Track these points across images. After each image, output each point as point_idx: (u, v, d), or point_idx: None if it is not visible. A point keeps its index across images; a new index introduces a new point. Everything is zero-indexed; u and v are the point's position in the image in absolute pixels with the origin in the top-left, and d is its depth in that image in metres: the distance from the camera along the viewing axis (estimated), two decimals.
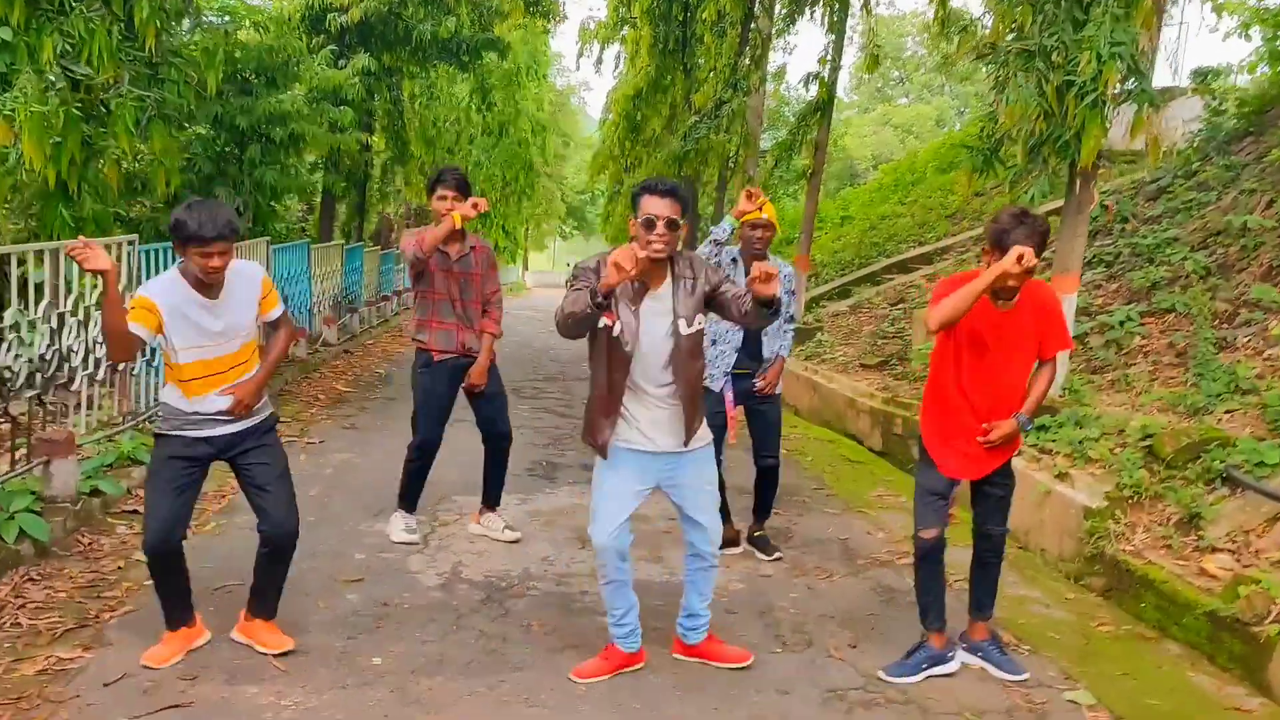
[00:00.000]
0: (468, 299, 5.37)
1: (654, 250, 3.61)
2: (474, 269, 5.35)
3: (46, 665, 3.64)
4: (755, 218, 5.22)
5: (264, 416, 3.92)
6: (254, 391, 3.81)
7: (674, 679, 3.90)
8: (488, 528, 5.67)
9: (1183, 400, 6.81)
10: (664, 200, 3.63)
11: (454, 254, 5.31)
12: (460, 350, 5.37)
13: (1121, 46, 6.59)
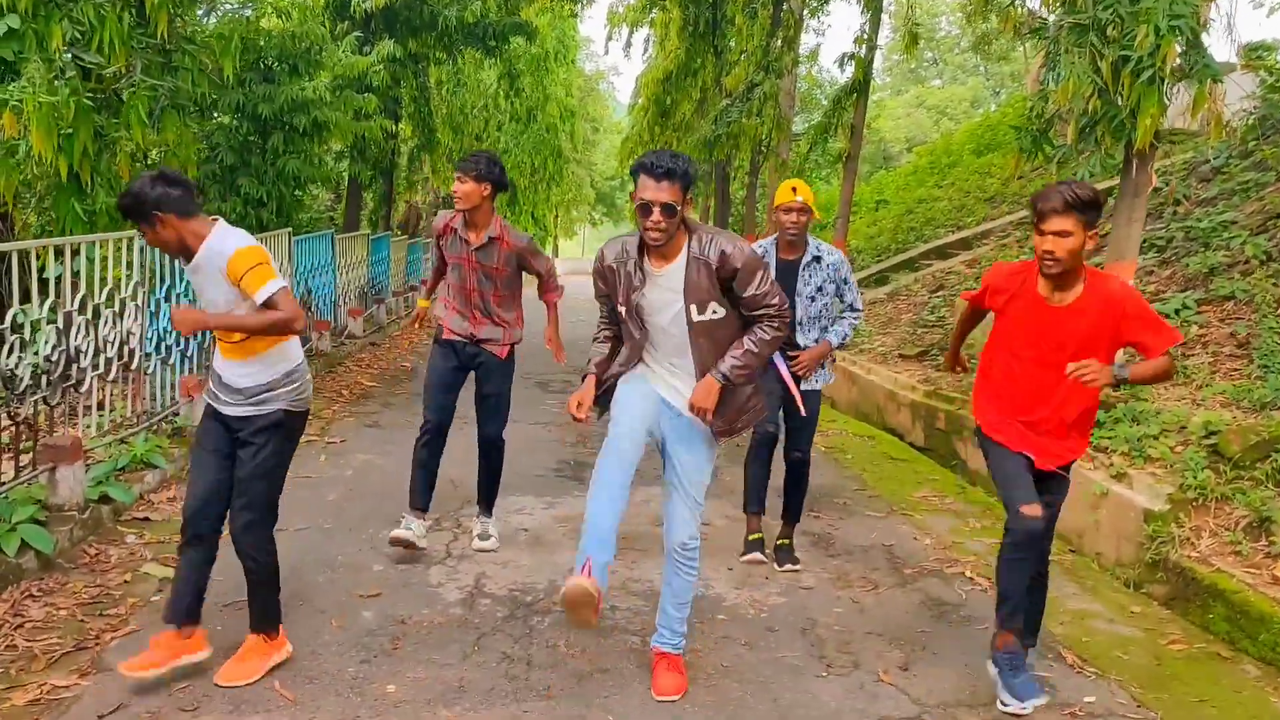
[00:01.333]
0: (486, 290, 5.06)
1: (650, 239, 3.45)
2: (494, 263, 5.01)
3: (39, 694, 3.39)
4: (789, 201, 4.91)
5: (263, 412, 3.64)
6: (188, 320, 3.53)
7: (712, 709, 3.59)
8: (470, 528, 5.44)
9: (1247, 394, 6.45)
10: (660, 183, 3.38)
11: (473, 242, 4.99)
12: (465, 335, 5.12)
13: (1181, 19, 6.22)
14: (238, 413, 3.63)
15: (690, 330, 3.54)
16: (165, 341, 6.69)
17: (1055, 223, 3.45)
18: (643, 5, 21.57)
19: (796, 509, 5.36)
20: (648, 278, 3.56)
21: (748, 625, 4.38)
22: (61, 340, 5.27)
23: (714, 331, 3.54)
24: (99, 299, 5.71)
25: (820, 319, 5.17)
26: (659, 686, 3.70)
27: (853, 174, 13.51)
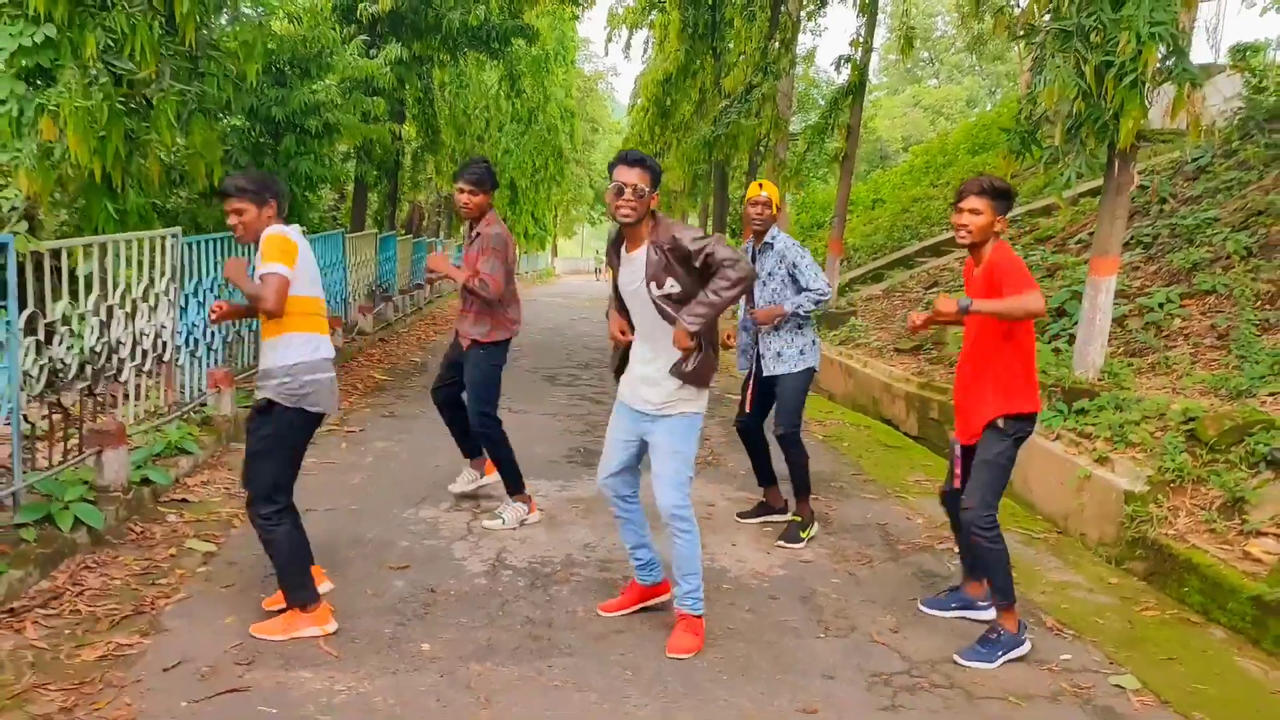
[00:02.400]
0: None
1: (621, 214, 3.91)
2: (472, 252, 5.49)
3: (106, 651, 3.72)
4: (754, 195, 5.37)
5: (259, 394, 4.04)
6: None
7: (719, 665, 3.94)
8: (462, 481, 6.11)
9: (1225, 383, 6.76)
10: (633, 169, 3.88)
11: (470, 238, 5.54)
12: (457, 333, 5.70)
13: (1161, 26, 6.52)
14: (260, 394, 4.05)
15: (655, 305, 3.96)
16: (194, 335, 7.01)
17: (971, 201, 4.13)
18: (642, 7, 21.81)
19: (796, 485, 5.71)
20: (623, 261, 4.07)
21: (751, 594, 4.72)
22: (104, 333, 5.60)
23: (675, 308, 3.91)
24: (136, 294, 6.02)
25: (773, 303, 5.53)
26: (672, 645, 4.05)
27: (848, 174, 13.81)
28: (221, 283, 7.38)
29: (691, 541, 4.08)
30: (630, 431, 4.18)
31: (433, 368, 11.18)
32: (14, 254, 4.48)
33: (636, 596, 4.43)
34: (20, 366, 4.64)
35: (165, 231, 6.45)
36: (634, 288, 4.01)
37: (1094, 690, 3.85)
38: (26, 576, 4.22)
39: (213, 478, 6.08)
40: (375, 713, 3.39)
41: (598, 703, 3.55)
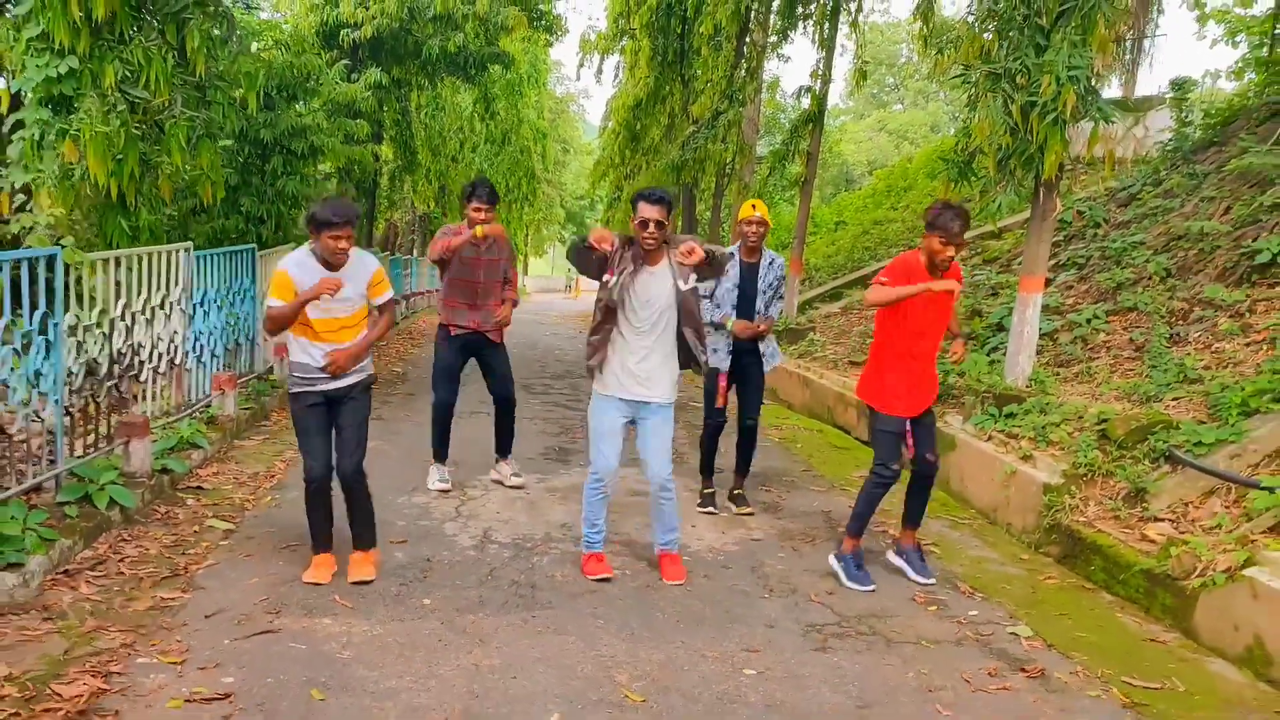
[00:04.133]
0: (491, 280, 6.47)
1: (646, 242, 4.88)
2: (498, 255, 6.45)
3: (153, 603, 4.35)
4: (749, 215, 6.11)
5: (364, 377, 4.92)
6: (348, 358, 4.78)
7: (678, 616, 4.63)
8: (499, 474, 6.89)
9: (1136, 389, 7.51)
10: (654, 206, 4.88)
11: (483, 245, 6.34)
12: (472, 326, 6.49)
13: (1078, 70, 7.29)
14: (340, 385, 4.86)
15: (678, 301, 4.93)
16: (200, 341, 7.63)
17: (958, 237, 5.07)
18: (614, 34, 22.49)
19: (746, 464, 6.69)
20: (639, 276, 4.92)
21: (708, 565, 5.43)
22: (129, 336, 6.22)
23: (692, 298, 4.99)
24: (155, 302, 6.65)
25: (769, 309, 6.40)
26: (673, 574, 5.12)
27: (808, 197, 14.59)
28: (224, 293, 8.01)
29: (675, 501, 5.16)
30: (622, 419, 5.05)
31: (413, 377, 11.85)
32: (61, 264, 5.11)
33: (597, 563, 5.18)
34: (65, 365, 5.26)
35: (178, 246, 7.08)
36: (668, 291, 4.91)
37: (992, 637, 4.57)
38: (74, 545, 4.83)
39: (222, 469, 6.71)
40: (388, 649, 4.05)
41: (574, 643, 4.23)
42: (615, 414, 5.03)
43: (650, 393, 4.99)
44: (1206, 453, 6.07)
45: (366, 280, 4.82)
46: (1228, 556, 4.93)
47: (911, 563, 5.45)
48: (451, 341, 6.53)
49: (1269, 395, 6.27)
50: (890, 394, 5.29)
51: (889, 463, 5.24)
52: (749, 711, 3.70)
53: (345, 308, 4.76)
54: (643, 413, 5.03)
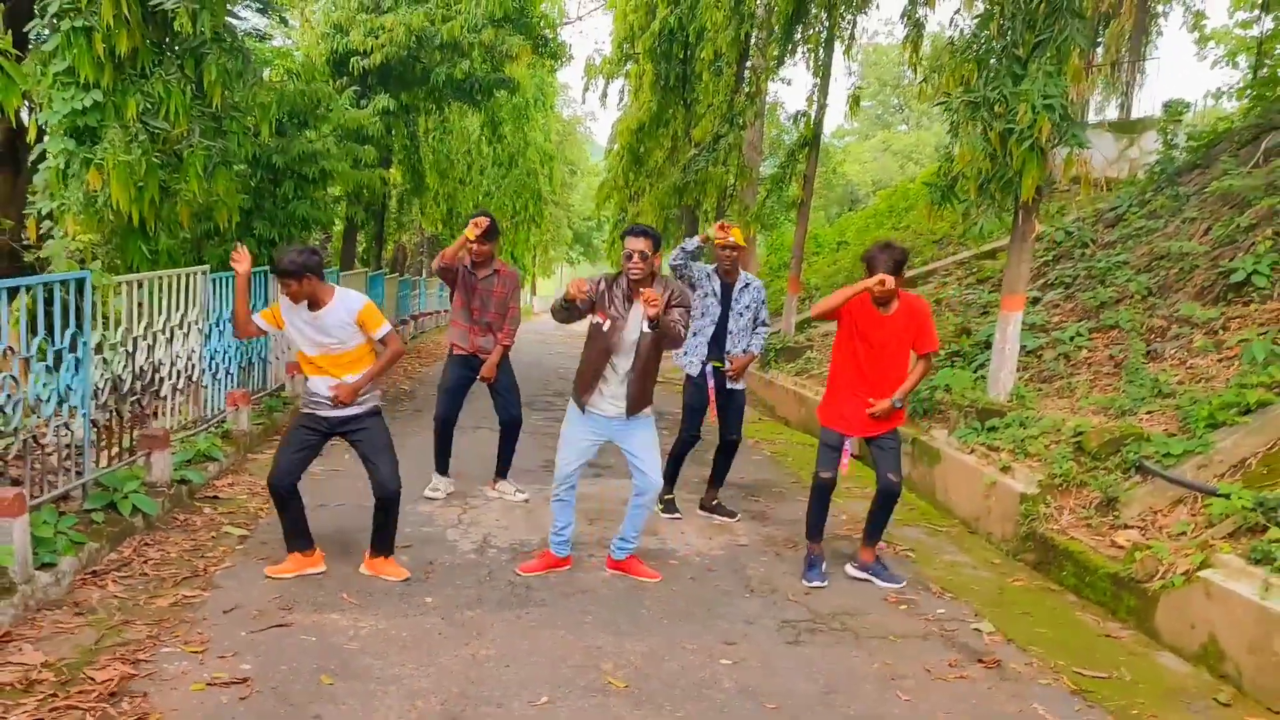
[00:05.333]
0: (486, 309, 6.87)
1: (631, 274, 5.21)
2: (495, 288, 6.86)
3: (175, 599, 4.70)
4: (724, 242, 6.52)
5: (367, 408, 5.25)
6: (350, 392, 5.11)
7: (662, 612, 4.97)
8: (501, 491, 7.23)
9: (1113, 404, 7.81)
10: (638, 240, 5.22)
11: (480, 275, 6.81)
12: (472, 349, 6.92)
13: (1053, 99, 7.63)
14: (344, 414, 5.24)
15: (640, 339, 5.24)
16: (215, 360, 8.00)
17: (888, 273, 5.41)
18: (618, 59, 22.92)
19: (722, 476, 7.11)
20: (631, 306, 5.26)
21: (693, 568, 5.77)
22: (150, 355, 6.59)
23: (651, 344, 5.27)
24: (174, 322, 7.02)
25: (744, 332, 6.82)
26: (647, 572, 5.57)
27: (805, 219, 14.95)
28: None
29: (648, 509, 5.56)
30: (596, 437, 5.42)
31: (420, 395, 12.22)
32: (90, 287, 5.49)
33: (555, 563, 5.60)
34: (92, 381, 5.62)
35: (196, 269, 7.46)
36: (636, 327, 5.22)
37: (956, 632, 4.90)
38: (100, 549, 5.19)
39: (237, 481, 7.07)
40: (392, 641, 4.39)
41: (564, 636, 4.57)
42: (587, 430, 5.41)
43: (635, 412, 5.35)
44: (1175, 463, 6.35)
45: (350, 320, 5.10)
46: (1186, 560, 5.23)
47: (876, 574, 5.75)
48: (454, 360, 6.97)
49: (1235, 408, 6.56)
50: (831, 411, 5.78)
51: (819, 471, 5.75)
52: (723, 696, 4.03)
53: (337, 346, 5.11)
54: (622, 429, 5.37)
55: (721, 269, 6.78)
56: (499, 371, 6.97)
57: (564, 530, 5.59)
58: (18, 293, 4.91)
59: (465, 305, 6.91)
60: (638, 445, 5.39)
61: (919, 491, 8.12)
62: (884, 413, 5.58)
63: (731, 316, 6.80)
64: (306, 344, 5.11)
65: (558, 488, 5.51)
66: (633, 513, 5.53)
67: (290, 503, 5.17)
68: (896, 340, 5.59)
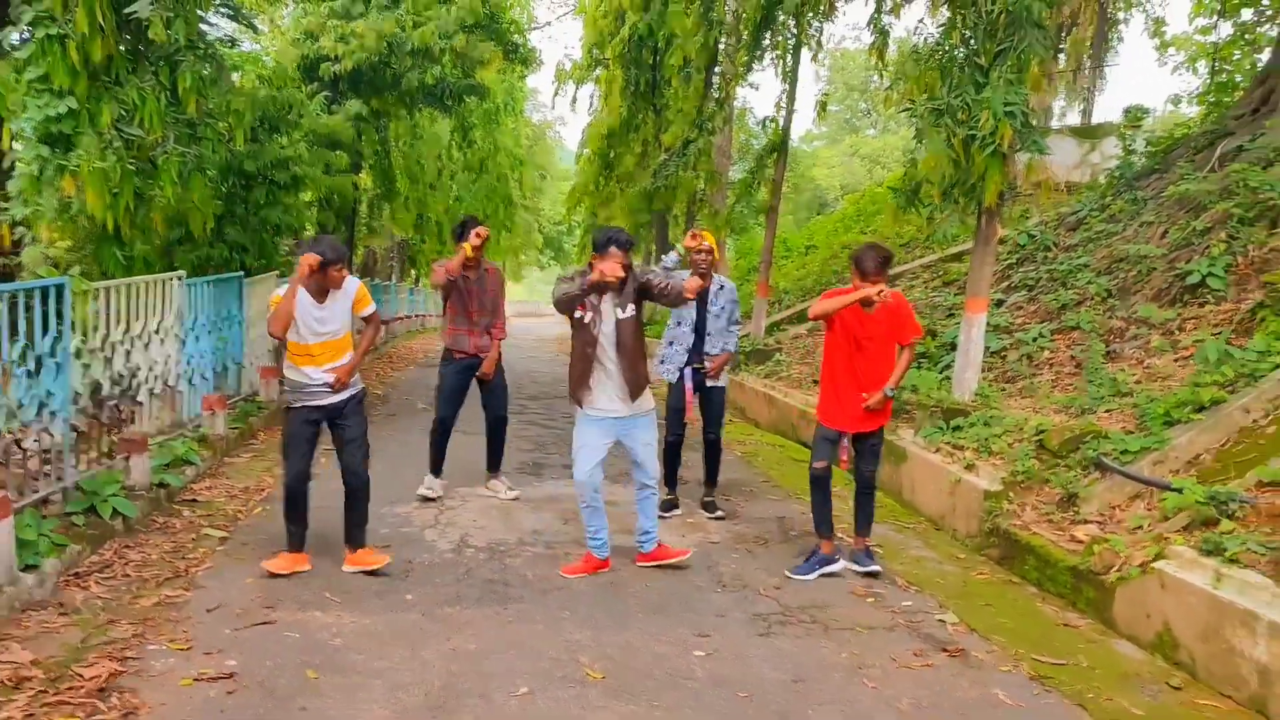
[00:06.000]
0: (482, 309, 7.05)
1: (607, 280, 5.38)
2: (490, 287, 7.09)
3: (159, 599, 4.79)
4: (699, 246, 6.68)
5: (356, 391, 5.49)
6: (347, 372, 5.37)
7: (637, 607, 5.11)
8: (493, 490, 7.39)
9: (1074, 403, 8.03)
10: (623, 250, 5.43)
11: (473, 277, 7.01)
12: (473, 350, 7.10)
13: (1014, 106, 7.84)
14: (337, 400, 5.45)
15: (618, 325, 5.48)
16: (192, 365, 8.06)
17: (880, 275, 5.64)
18: (588, 64, 23.04)
19: (713, 475, 7.30)
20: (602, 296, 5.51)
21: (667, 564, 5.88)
22: (128, 360, 6.65)
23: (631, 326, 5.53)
24: (151, 328, 7.08)
25: (721, 332, 7.02)
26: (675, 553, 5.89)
27: (774, 223, 15.14)
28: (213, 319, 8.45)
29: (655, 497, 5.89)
30: (608, 436, 5.63)
31: (394, 399, 12.28)
32: (69, 293, 5.55)
33: (597, 565, 5.71)
34: (71, 386, 5.69)
35: (171, 275, 7.52)
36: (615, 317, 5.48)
37: (922, 623, 5.07)
38: (82, 551, 5.27)
39: (215, 484, 7.15)
40: (374, 637, 4.50)
41: (542, 630, 4.70)
42: (598, 434, 5.59)
43: (637, 408, 5.60)
44: (1132, 460, 6.55)
45: (350, 301, 5.39)
46: (1142, 552, 5.42)
47: (858, 560, 5.96)
48: (454, 365, 7.13)
49: (1189, 406, 6.79)
50: (830, 410, 5.95)
51: (814, 461, 5.97)
52: (696, 685, 4.18)
53: (335, 332, 5.34)
54: (631, 427, 5.63)
55: (697, 272, 6.90)
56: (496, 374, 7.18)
57: (599, 534, 5.73)
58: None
59: (464, 310, 7.06)
60: (640, 442, 5.67)
61: (886, 489, 8.28)
62: (879, 404, 5.78)
63: (709, 318, 6.99)
64: (310, 334, 5.29)
65: (583, 496, 5.68)
66: (641, 505, 5.82)
67: (303, 502, 5.43)
68: (882, 337, 5.83)
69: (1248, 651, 4.39)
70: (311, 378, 5.33)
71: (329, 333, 5.32)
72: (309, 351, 5.31)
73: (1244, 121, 12.02)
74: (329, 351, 5.33)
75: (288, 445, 5.43)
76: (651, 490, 5.79)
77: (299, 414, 5.39)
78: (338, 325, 5.35)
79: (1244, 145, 11.06)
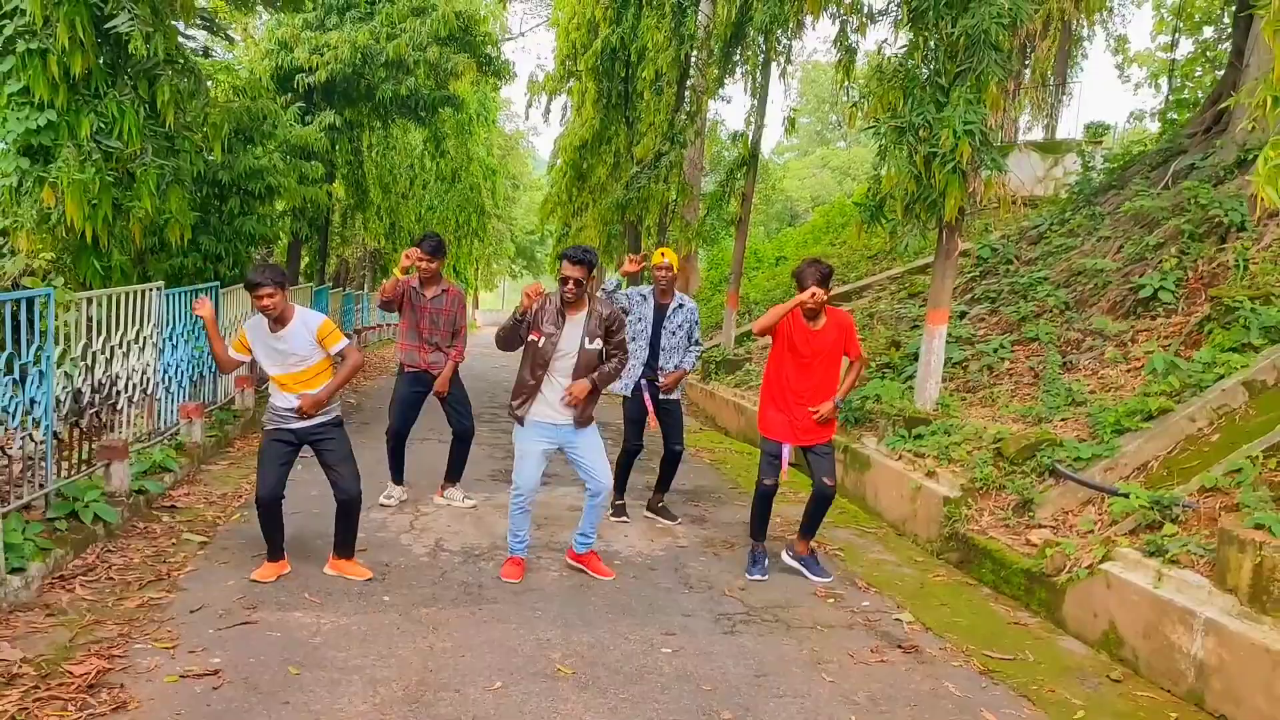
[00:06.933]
0: (436, 328, 7.20)
1: (567, 296, 5.56)
2: (444, 307, 7.18)
3: (143, 601, 4.93)
4: (659, 261, 6.97)
5: (330, 418, 5.56)
6: (313, 404, 5.41)
7: (606, 608, 5.31)
8: (449, 498, 7.57)
9: (1031, 412, 8.29)
10: (573, 265, 5.52)
11: (429, 295, 7.10)
12: (423, 366, 7.26)
13: (973, 124, 8.10)
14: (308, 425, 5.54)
15: (581, 352, 5.57)
16: (169, 373, 8.18)
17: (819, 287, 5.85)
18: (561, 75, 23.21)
19: (667, 482, 7.49)
20: (565, 321, 5.60)
21: (636, 567, 6.12)
22: (108, 368, 6.78)
23: (592, 357, 5.62)
24: (130, 337, 7.21)
25: (676, 349, 7.22)
26: (603, 570, 5.95)
27: (744, 235, 15.39)
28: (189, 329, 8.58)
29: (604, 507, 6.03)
30: (548, 443, 5.73)
31: (366, 407, 12.42)
32: (54, 304, 5.69)
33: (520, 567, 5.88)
34: (54, 394, 5.82)
35: (151, 285, 7.66)
36: (575, 342, 5.59)
37: (879, 622, 5.30)
38: (65, 555, 5.40)
39: (192, 491, 7.28)
40: (353, 635, 4.68)
41: (515, 630, 4.89)
42: (539, 439, 5.72)
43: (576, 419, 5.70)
44: (1085, 467, 6.80)
45: (311, 338, 5.40)
46: (1090, 554, 5.68)
47: (808, 566, 6.20)
48: (404, 377, 7.28)
49: (1139, 415, 7.05)
50: (770, 422, 6.21)
51: (762, 479, 6.19)
52: (662, 680, 4.38)
53: (298, 364, 5.41)
54: (571, 436, 5.71)
55: (658, 289, 7.16)
56: (451, 385, 7.27)
57: (526, 537, 5.91)
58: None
59: (414, 325, 7.20)
60: (585, 450, 5.75)
61: (850, 496, 8.54)
62: (828, 414, 6.00)
63: (664, 334, 7.18)
64: (270, 364, 5.40)
65: (521, 499, 5.79)
66: (588, 512, 5.95)
67: (277, 515, 5.53)
68: (827, 352, 6.04)
69: (1185, 647, 4.65)
70: (282, 401, 5.47)
71: (291, 362, 5.39)
72: (279, 380, 5.45)
73: (1197, 140, 12.41)
74: (298, 380, 5.42)
75: (261, 462, 5.56)
76: (602, 501, 5.88)
77: (270, 434, 5.53)
78: (299, 357, 5.40)
79: (1195, 163, 11.44)
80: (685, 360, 7.29)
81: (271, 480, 5.45)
